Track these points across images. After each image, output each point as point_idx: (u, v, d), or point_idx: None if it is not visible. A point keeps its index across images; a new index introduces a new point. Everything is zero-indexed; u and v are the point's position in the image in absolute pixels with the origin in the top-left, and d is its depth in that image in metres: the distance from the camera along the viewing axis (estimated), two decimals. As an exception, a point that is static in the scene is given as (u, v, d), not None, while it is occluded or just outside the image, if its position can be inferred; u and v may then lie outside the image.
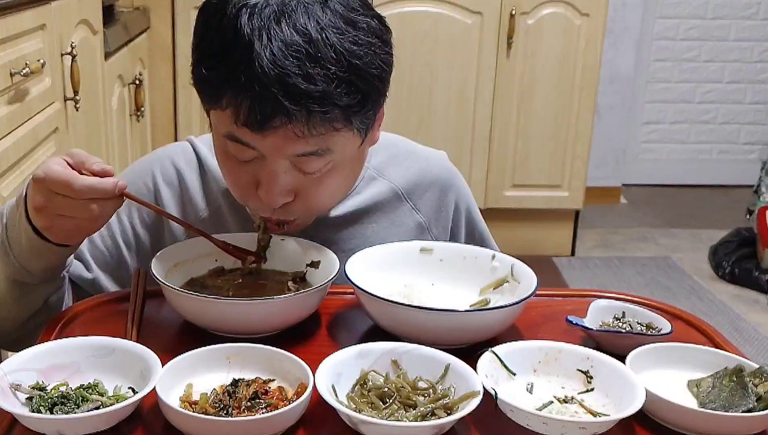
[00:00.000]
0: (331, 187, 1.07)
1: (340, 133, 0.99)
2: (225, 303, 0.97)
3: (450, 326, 0.95)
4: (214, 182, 1.20)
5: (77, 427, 0.78)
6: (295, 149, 0.98)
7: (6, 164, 1.54)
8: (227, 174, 1.08)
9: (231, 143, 1.01)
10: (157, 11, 3.09)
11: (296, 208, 1.06)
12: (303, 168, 1.01)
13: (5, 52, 1.56)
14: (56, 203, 0.94)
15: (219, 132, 1.03)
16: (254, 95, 0.93)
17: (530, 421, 0.81)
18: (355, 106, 0.97)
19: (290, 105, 0.92)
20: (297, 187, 1.03)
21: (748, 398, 0.85)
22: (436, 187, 1.27)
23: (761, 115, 4.65)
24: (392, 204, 1.23)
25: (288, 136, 0.96)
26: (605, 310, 1.04)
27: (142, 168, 1.22)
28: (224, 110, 0.97)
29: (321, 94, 0.93)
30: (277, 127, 0.95)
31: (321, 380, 0.82)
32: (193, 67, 1.01)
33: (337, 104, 0.95)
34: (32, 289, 1.06)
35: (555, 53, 3.32)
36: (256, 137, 0.97)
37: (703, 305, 3.24)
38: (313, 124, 0.95)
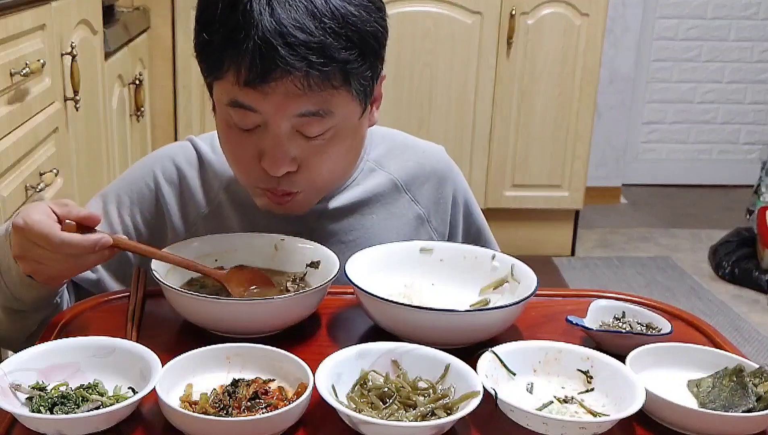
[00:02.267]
0: (333, 159, 1.08)
1: (339, 94, 1.01)
2: (225, 303, 0.97)
3: (450, 326, 0.95)
4: (215, 179, 1.20)
5: (77, 427, 0.78)
6: (297, 107, 1.00)
7: (6, 164, 1.54)
8: (230, 151, 1.09)
9: (234, 111, 1.02)
10: (157, 11, 3.09)
11: (300, 180, 1.07)
12: (305, 131, 1.03)
13: (5, 52, 1.56)
14: (35, 253, 0.95)
15: (221, 103, 1.05)
16: (255, 49, 0.95)
17: (530, 421, 0.82)
18: (353, 62, 0.99)
19: (289, 56, 0.95)
20: (300, 156, 1.05)
21: (748, 398, 0.85)
22: (434, 179, 1.28)
23: (761, 115, 4.65)
24: (391, 195, 1.24)
25: (289, 92, 0.98)
26: (605, 310, 1.04)
27: (143, 168, 1.23)
28: (225, 75, 1.00)
29: (319, 46, 0.96)
30: (277, 82, 0.97)
31: (321, 380, 0.82)
32: (195, 39, 1.04)
33: (335, 57, 0.97)
34: (25, 316, 1.07)
35: (555, 53, 3.32)
36: (257, 97, 0.99)
37: (703, 305, 3.24)
38: (313, 79, 0.97)
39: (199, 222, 1.19)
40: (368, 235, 1.20)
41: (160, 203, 1.19)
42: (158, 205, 1.20)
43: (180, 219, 1.19)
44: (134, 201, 1.20)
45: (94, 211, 1.15)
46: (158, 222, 1.20)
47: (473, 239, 1.33)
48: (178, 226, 1.19)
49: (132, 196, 1.20)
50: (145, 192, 1.20)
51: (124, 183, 1.22)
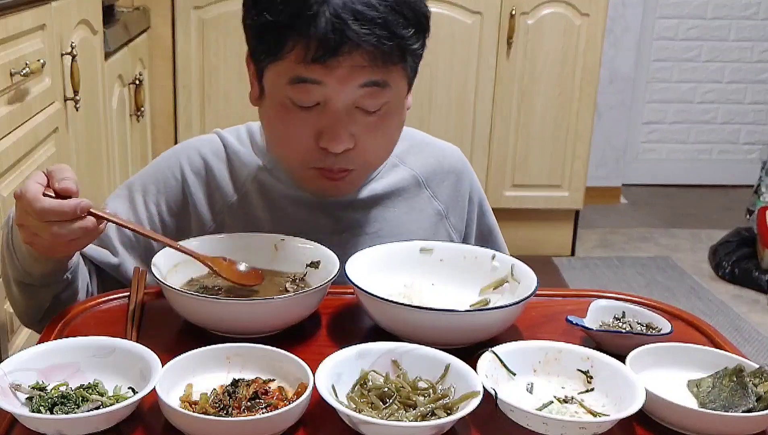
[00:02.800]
0: (386, 135, 1.13)
1: (396, 69, 1.07)
2: (225, 303, 0.97)
3: (450, 326, 0.95)
4: (242, 169, 1.23)
5: (77, 427, 0.78)
6: (362, 78, 1.05)
7: (6, 164, 1.54)
8: (285, 133, 1.11)
9: (295, 89, 1.06)
10: (157, 11, 3.09)
11: (355, 156, 1.11)
12: (364, 105, 1.07)
13: (5, 52, 1.56)
14: (29, 222, 0.96)
15: (279, 84, 1.07)
16: (327, 25, 1.00)
17: (530, 421, 0.82)
18: (410, 39, 1.06)
19: (360, 29, 1.01)
20: (357, 132, 1.09)
21: (748, 398, 0.85)
22: (452, 177, 1.31)
23: (761, 115, 4.65)
24: (413, 190, 1.27)
25: (355, 64, 1.03)
26: (605, 310, 1.04)
27: (169, 159, 1.25)
28: (289, 54, 1.04)
29: (383, 21, 1.02)
30: (345, 56, 1.02)
31: (321, 380, 0.82)
32: (251, 21, 1.09)
33: (396, 33, 1.04)
34: (36, 291, 1.08)
35: (555, 53, 3.32)
36: (324, 71, 1.03)
37: (703, 305, 3.24)
38: (378, 52, 1.03)
39: (225, 211, 1.21)
40: (391, 228, 1.24)
41: (186, 193, 1.22)
42: (184, 195, 1.22)
43: (207, 209, 1.22)
44: (160, 190, 1.22)
45: (120, 200, 1.21)
46: (184, 212, 1.22)
47: (485, 239, 1.35)
48: (204, 215, 1.21)
49: (158, 186, 1.22)
50: (171, 182, 1.22)
51: (151, 172, 1.25)
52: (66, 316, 1.04)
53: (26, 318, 1.15)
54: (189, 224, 1.22)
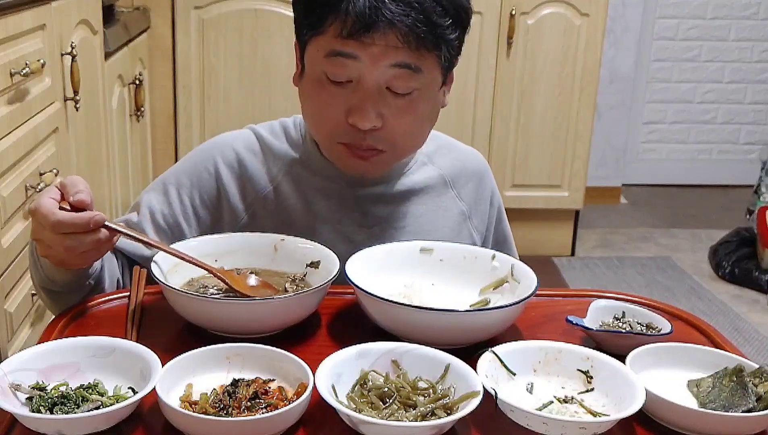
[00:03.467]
0: (414, 121, 1.15)
1: (430, 57, 1.10)
2: (225, 303, 0.97)
3: (450, 326, 0.95)
4: (275, 162, 1.25)
5: (77, 427, 0.78)
6: (394, 58, 1.08)
7: (6, 164, 1.54)
8: (319, 107, 1.15)
9: (331, 62, 1.10)
10: (157, 11, 3.09)
11: (383, 136, 1.14)
12: (394, 86, 1.10)
13: (5, 52, 1.56)
14: (44, 236, 0.98)
15: (317, 58, 1.12)
16: (365, 2, 1.05)
17: (530, 421, 0.82)
18: (446, 28, 1.09)
19: (396, 9, 1.05)
20: (386, 113, 1.12)
21: (748, 398, 0.85)
22: (475, 179, 1.34)
23: (761, 115, 4.65)
24: (439, 189, 1.30)
25: (389, 43, 1.07)
26: (605, 310, 1.04)
27: (203, 153, 1.28)
28: (328, 29, 1.08)
29: (420, 6, 1.06)
30: (380, 34, 1.06)
31: (321, 380, 0.82)
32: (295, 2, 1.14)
33: (432, 20, 1.07)
34: (61, 296, 1.10)
35: (555, 53, 3.32)
36: (359, 46, 1.07)
37: (703, 305, 3.24)
38: (411, 35, 1.07)
39: (258, 203, 1.24)
40: (417, 224, 1.26)
41: (219, 186, 1.24)
42: (217, 188, 1.25)
43: (239, 201, 1.24)
44: (194, 184, 1.24)
45: (155, 193, 1.24)
46: (217, 204, 1.24)
47: (499, 246, 1.36)
48: (236, 207, 1.24)
49: (192, 179, 1.25)
50: (204, 175, 1.25)
51: (185, 166, 1.28)
52: (66, 316, 1.04)
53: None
54: (222, 216, 1.24)
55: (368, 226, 1.23)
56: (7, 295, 1.57)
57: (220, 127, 3.24)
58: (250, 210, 1.24)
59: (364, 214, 1.24)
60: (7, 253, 1.55)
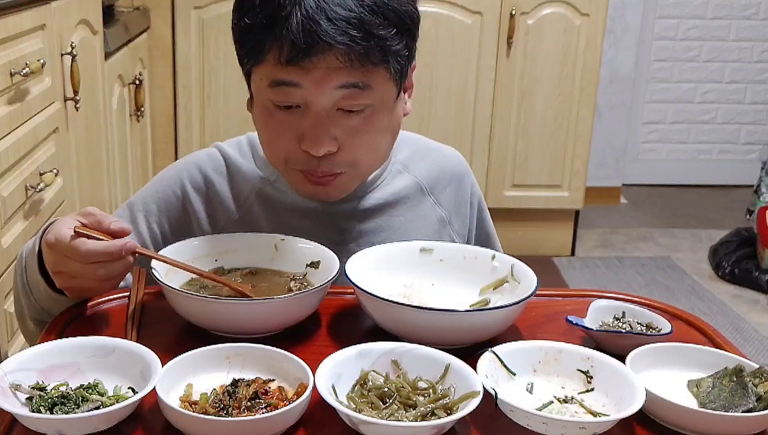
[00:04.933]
0: (372, 138, 1.11)
1: (378, 71, 1.05)
2: (225, 303, 0.97)
3: (450, 326, 0.95)
4: (244, 184, 1.22)
5: (77, 427, 0.78)
6: (339, 79, 1.03)
7: (6, 164, 1.54)
8: (270, 136, 1.12)
9: (275, 91, 1.06)
10: (157, 11, 3.09)
11: (341, 160, 1.10)
12: (345, 106, 1.06)
13: (5, 52, 1.56)
14: (69, 267, 0.97)
15: (262, 87, 1.08)
16: (298, 25, 1.00)
17: (530, 421, 0.82)
18: (390, 39, 1.04)
19: (332, 30, 1.00)
20: (340, 135, 1.08)
21: (748, 398, 0.85)
22: (455, 183, 1.31)
23: (761, 115, 4.65)
24: (417, 198, 1.27)
25: (331, 65, 1.02)
26: (605, 310, 1.03)
27: (170, 177, 1.24)
28: (267, 57, 1.04)
29: (359, 21, 1.01)
30: (319, 57, 1.01)
31: (321, 380, 0.82)
32: (234, 26, 1.08)
33: (374, 33, 1.02)
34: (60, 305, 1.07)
35: (555, 53, 3.32)
36: (300, 73, 1.03)
37: (703, 305, 3.24)
38: (354, 53, 1.02)
39: (229, 227, 1.20)
40: (395, 236, 1.22)
41: (188, 211, 1.21)
42: (185, 212, 1.21)
43: (209, 226, 1.21)
44: (162, 209, 1.21)
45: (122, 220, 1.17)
46: (186, 229, 1.21)
47: (482, 243, 1.34)
48: (207, 232, 1.20)
49: (159, 205, 1.21)
50: (172, 200, 1.21)
51: (152, 191, 1.23)
52: (66, 316, 1.03)
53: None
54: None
55: (344, 244, 1.19)
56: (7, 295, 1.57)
57: (220, 127, 3.25)
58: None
59: (340, 231, 1.21)
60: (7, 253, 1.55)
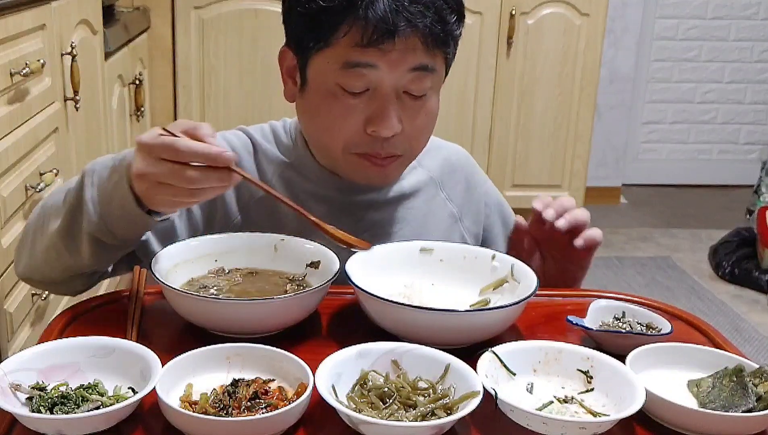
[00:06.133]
0: (428, 121, 1.16)
1: (440, 55, 1.12)
2: (225, 303, 0.97)
3: (450, 326, 0.95)
4: (268, 165, 1.24)
5: (77, 427, 0.78)
6: (413, 61, 1.08)
7: (6, 164, 1.54)
8: (333, 120, 1.12)
9: (347, 74, 1.08)
10: (157, 11, 3.09)
11: (401, 141, 1.13)
12: (412, 89, 1.10)
13: (5, 52, 1.56)
14: (159, 169, 0.93)
15: (329, 71, 1.09)
16: (385, 8, 1.04)
17: (530, 421, 0.81)
18: (454, 26, 1.11)
19: (416, 11, 1.05)
20: (404, 117, 1.11)
21: (748, 398, 0.85)
22: (464, 181, 1.34)
23: (761, 115, 4.65)
24: (430, 192, 1.29)
25: (408, 47, 1.07)
26: (605, 310, 1.04)
27: None
28: (341, 39, 1.06)
29: (435, 8, 1.07)
30: (401, 38, 1.05)
31: (321, 380, 0.82)
32: (302, 10, 1.10)
33: (445, 19, 1.09)
34: (109, 250, 1.05)
35: (555, 53, 3.32)
36: (378, 54, 1.06)
37: (703, 305, 3.24)
38: (429, 37, 1.07)
39: (251, 205, 1.21)
40: (409, 229, 1.25)
41: None
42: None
43: (234, 202, 1.21)
44: None
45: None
46: (210, 202, 1.20)
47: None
48: (230, 208, 1.21)
49: None
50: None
51: None
52: (66, 316, 1.03)
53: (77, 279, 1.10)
54: (215, 216, 1.21)
55: (360, 233, 1.18)
56: (7, 295, 1.57)
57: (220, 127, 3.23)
58: (243, 211, 1.21)
59: (356, 220, 1.22)
60: (7, 253, 1.55)
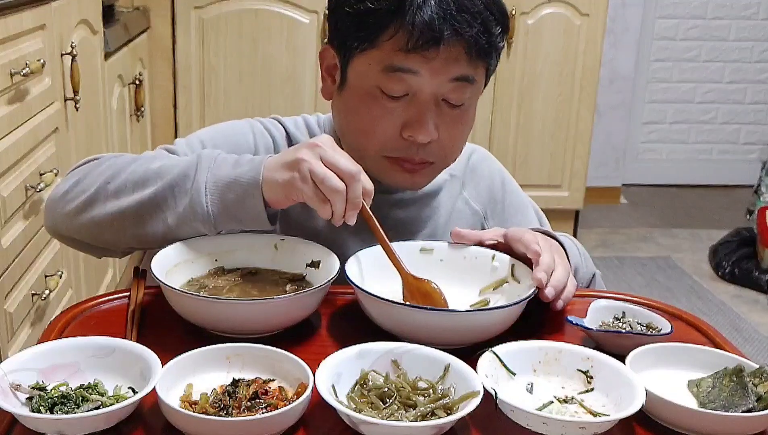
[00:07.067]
0: (464, 131, 1.16)
1: (481, 66, 1.11)
2: (224, 303, 0.97)
3: (450, 326, 0.95)
4: None
5: (77, 427, 0.78)
6: (455, 71, 1.08)
7: (6, 164, 1.54)
8: (371, 122, 1.12)
9: (388, 77, 1.08)
10: (157, 11, 3.09)
11: (436, 149, 1.13)
12: (451, 99, 1.10)
13: (5, 52, 1.56)
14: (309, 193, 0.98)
15: (371, 73, 1.09)
16: (432, 14, 1.04)
17: (530, 421, 0.82)
18: (498, 37, 1.10)
19: (463, 21, 1.04)
20: (440, 125, 1.11)
21: (748, 398, 0.85)
22: (488, 180, 1.34)
23: (761, 115, 4.65)
24: (454, 190, 1.30)
25: (452, 56, 1.06)
26: (605, 310, 1.04)
27: (240, 127, 1.25)
28: (387, 42, 1.06)
29: (481, 18, 1.06)
30: (445, 46, 1.05)
31: (321, 380, 0.82)
32: (349, 10, 1.09)
33: (490, 30, 1.08)
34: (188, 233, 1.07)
35: (555, 53, 3.32)
36: (421, 60, 1.06)
37: (703, 305, 3.24)
38: (473, 47, 1.07)
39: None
40: (433, 228, 1.26)
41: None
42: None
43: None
44: (231, 151, 1.18)
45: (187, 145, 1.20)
46: None
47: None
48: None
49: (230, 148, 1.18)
50: (243, 146, 1.21)
51: (221, 131, 1.24)
52: (66, 316, 1.04)
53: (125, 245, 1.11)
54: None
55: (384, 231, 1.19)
56: (7, 295, 1.57)
57: (220, 127, 3.25)
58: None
59: (382, 218, 1.18)
60: (7, 253, 1.55)
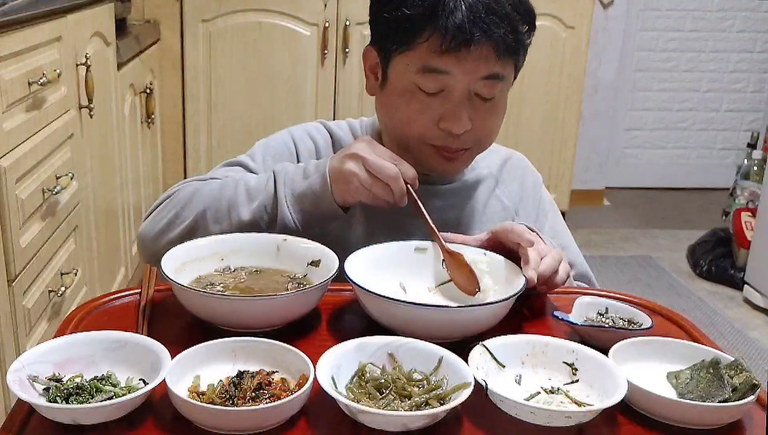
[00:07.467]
0: (496, 120, 1.19)
1: (510, 63, 1.13)
2: (230, 300, 0.97)
3: (443, 321, 0.95)
4: None
5: (92, 416, 0.78)
6: (486, 70, 1.10)
7: (24, 168, 1.54)
8: (410, 116, 1.15)
9: (423, 77, 1.11)
10: (167, 24, 3.09)
11: (471, 137, 1.16)
12: (482, 93, 1.13)
13: (24, 62, 1.56)
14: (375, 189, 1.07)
15: (407, 72, 1.13)
16: (462, 15, 1.06)
17: (518, 410, 0.82)
18: (525, 35, 1.12)
19: (492, 23, 1.07)
20: (474, 116, 1.14)
21: (724, 389, 0.85)
22: (519, 179, 1.36)
23: (735, 122, 4.65)
24: (489, 186, 1.32)
25: (482, 56, 1.09)
26: (589, 306, 1.04)
27: (282, 137, 1.30)
28: (422, 44, 1.09)
29: (509, 19, 1.09)
30: (476, 46, 1.07)
31: (321, 372, 0.82)
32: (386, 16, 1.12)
33: (518, 30, 1.10)
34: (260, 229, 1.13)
35: (542, 64, 3.32)
36: (453, 61, 1.09)
37: (681, 301, 3.24)
38: (502, 47, 1.09)
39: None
40: (466, 218, 1.27)
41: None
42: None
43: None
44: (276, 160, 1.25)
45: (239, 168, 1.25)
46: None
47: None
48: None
49: (275, 158, 1.26)
50: (285, 154, 1.26)
51: (263, 149, 1.28)
52: (81, 312, 1.03)
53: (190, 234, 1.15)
54: None
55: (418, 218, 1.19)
56: (26, 292, 1.57)
57: (226, 133, 3.25)
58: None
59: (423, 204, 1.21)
60: (26, 252, 1.55)
